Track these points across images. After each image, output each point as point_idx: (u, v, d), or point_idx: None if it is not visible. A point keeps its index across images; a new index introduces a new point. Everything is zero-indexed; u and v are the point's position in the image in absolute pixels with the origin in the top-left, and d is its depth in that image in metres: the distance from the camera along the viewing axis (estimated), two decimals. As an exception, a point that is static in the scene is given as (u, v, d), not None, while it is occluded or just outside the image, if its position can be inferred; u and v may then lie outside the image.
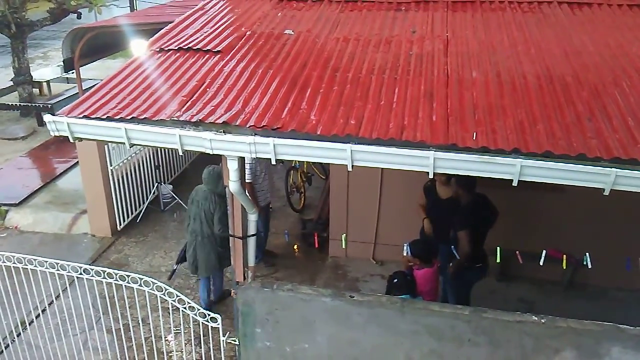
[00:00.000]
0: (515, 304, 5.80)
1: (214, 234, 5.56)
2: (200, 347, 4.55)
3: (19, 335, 5.29)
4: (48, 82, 13.16)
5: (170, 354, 5.34)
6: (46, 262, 4.16)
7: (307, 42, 4.40)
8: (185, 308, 4.07)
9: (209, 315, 4.11)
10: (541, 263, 4.11)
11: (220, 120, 3.38)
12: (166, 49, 4.39)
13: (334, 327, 4.08)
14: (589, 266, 4.06)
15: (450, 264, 5.13)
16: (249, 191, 5.23)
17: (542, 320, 3.72)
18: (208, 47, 4.34)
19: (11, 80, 12.28)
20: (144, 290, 4.09)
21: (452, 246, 4.96)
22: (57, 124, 3.55)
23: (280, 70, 3.96)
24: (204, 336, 4.32)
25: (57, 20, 11.83)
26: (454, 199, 5.13)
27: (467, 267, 5.03)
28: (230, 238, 4.17)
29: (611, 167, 2.93)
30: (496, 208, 5.04)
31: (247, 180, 5.75)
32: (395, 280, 4.76)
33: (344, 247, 5.19)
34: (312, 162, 7.68)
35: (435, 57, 4.06)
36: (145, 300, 5.01)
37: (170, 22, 4.98)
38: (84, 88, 8.88)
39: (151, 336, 5.19)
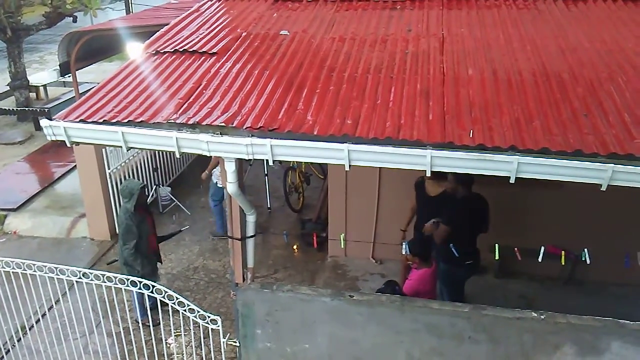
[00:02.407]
0: (515, 301, 5.79)
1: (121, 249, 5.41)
2: (201, 349, 4.55)
3: (19, 340, 5.29)
4: (45, 86, 13.13)
5: (171, 357, 5.33)
6: (45, 266, 4.16)
7: (303, 42, 4.41)
8: (185, 310, 4.07)
9: (209, 317, 4.11)
10: (540, 259, 4.11)
11: (217, 122, 3.38)
12: (162, 51, 4.39)
13: (334, 326, 4.08)
14: (588, 262, 4.06)
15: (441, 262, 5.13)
16: None
17: (542, 317, 3.73)
18: (204, 49, 4.34)
19: (7, 84, 12.26)
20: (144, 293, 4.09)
21: (451, 244, 4.95)
22: (54, 129, 3.55)
23: (276, 71, 3.96)
24: (204, 338, 4.32)
25: (52, 24, 11.78)
26: (444, 197, 5.10)
27: (457, 265, 5.02)
28: (229, 239, 4.17)
29: (608, 163, 2.94)
30: (489, 215, 5.03)
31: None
32: (383, 286, 4.75)
33: (343, 246, 5.20)
34: (310, 162, 7.68)
35: (431, 56, 4.07)
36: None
37: (166, 25, 4.98)
38: (80, 92, 8.86)
39: (152, 339, 5.19)
